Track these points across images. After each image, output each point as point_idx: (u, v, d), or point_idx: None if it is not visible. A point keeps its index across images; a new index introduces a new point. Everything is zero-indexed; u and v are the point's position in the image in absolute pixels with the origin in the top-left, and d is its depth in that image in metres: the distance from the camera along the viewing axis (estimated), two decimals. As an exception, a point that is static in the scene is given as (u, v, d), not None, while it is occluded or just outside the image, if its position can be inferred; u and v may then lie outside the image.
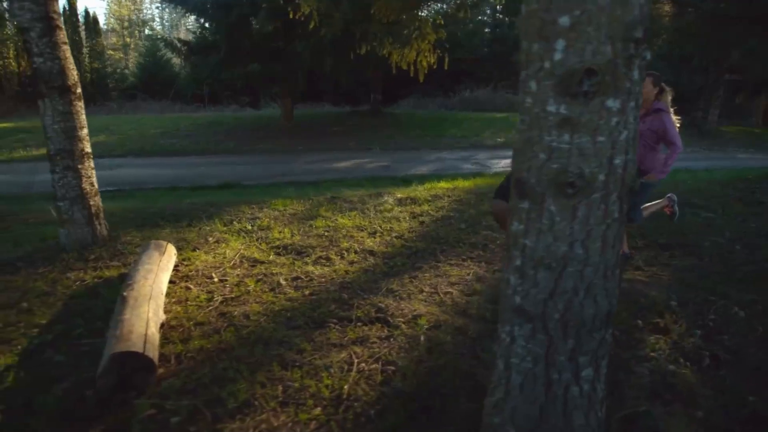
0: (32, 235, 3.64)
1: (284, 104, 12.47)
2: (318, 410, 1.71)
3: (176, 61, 17.12)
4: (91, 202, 3.35)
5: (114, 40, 19.83)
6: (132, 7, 26.61)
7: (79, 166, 3.26)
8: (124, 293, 2.24)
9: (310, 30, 9.25)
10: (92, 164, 3.39)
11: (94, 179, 3.41)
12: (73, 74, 3.18)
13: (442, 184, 5.84)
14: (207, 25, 12.88)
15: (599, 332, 1.30)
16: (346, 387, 1.82)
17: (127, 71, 19.45)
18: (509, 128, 13.37)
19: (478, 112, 16.39)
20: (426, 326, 2.29)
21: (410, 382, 1.86)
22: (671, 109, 3.14)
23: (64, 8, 15.27)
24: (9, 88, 15.30)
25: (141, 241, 3.57)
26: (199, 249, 3.44)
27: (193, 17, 13.40)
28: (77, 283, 2.84)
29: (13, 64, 15.36)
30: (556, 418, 1.37)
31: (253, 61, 10.37)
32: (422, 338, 2.18)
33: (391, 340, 2.19)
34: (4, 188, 6.68)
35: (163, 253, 2.89)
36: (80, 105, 3.25)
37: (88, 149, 3.34)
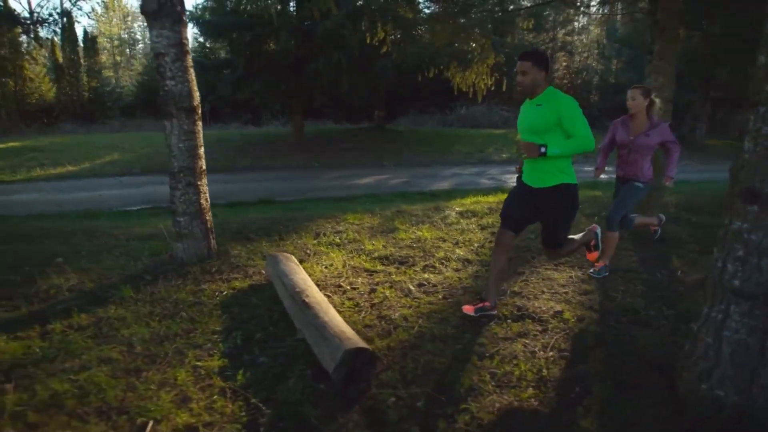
0: (139, 249, 3.74)
1: (295, 121, 12.69)
2: (531, 390, 1.97)
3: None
4: (207, 217, 3.50)
5: (104, 58, 19.60)
6: (123, 26, 26.37)
7: (198, 183, 3.42)
8: (305, 299, 2.43)
9: (329, 50, 9.60)
10: (206, 180, 3.55)
11: (208, 195, 3.56)
12: (197, 95, 3.37)
13: (489, 198, 6.20)
14: (215, 44, 13.03)
15: (806, 307, 1.63)
16: (544, 371, 2.09)
17: (120, 89, 19.19)
18: (510, 144, 14.03)
19: (475, 128, 17.08)
20: (572, 320, 2.59)
21: (592, 364, 2.14)
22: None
23: (63, 26, 15.08)
24: (6, 106, 14.83)
25: (247, 254, 3.73)
26: (305, 261, 3.62)
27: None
28: (217, 294, 2.98)
29: (10, 83, 14.91)
30: (765, 379, 1.69)
31: (268, 78, 10.60)
32: (577, 329, 2.47)
33: (548, 332, 2.47)
34: (38, 207, 6.62)
35: (298, 264, 3.09)
36: (200, 124, 3.44)
37: (204, 166, 3.50)
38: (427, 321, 2.61)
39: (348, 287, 3.11)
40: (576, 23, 22.00)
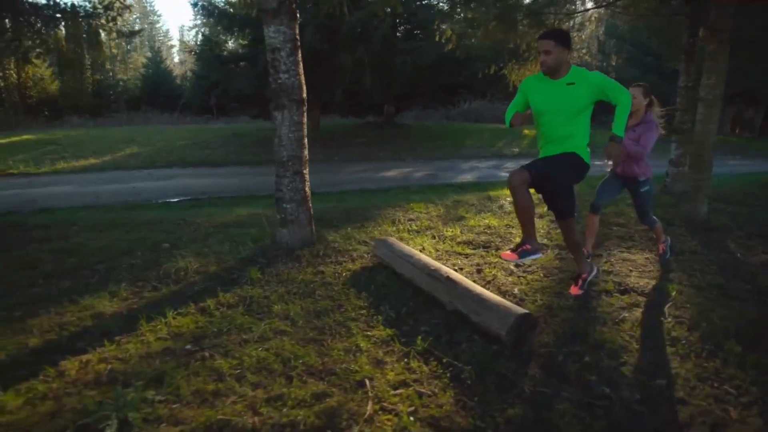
0: (241, 235, 3.90)
1: (312, 116, 12.78)
2: (669, 347, 2.27)
3: (178, 72, 16.84)
4: (310, 204, 3.70)
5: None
6: (120, 19, 25.74)
7: (304, 171, 3.62)
8: (448, 276, 2.68)
9: (353, 46, 9.75)
10: (308, 169, 3.74)
11: (309, 183, 3.75)
12: (304, 88, 3.55)
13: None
14: (227, 37, 12.99)
15: None
16: (673, 333, 2.40)
17: (122, 83, 18.86)
18: (519, 138, 14.44)
19: (480, 122, 17.44)
20: (673, 293, 2.91)
21: (712, 327, 2.46)
22: (659, 121, 3.22)
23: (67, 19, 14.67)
24: (9, 100, 14.38)
25: (342, 239, 3.94)
26: (396, 245, 3.86)
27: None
28: (337, 275, 3.20)
29: (13, 76, 14.47)
30: None
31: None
32: (681, 300, 2.79)
33: (657, 303, 2.77)
34: (77, 199, 6.60)
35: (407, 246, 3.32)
36: (305, 116, 3.62)
37: (307, 156, 3.70)
38: (544, 295, 2.89)
39: (455, 268, 3.36)
40: (573, 20, 22.49)
